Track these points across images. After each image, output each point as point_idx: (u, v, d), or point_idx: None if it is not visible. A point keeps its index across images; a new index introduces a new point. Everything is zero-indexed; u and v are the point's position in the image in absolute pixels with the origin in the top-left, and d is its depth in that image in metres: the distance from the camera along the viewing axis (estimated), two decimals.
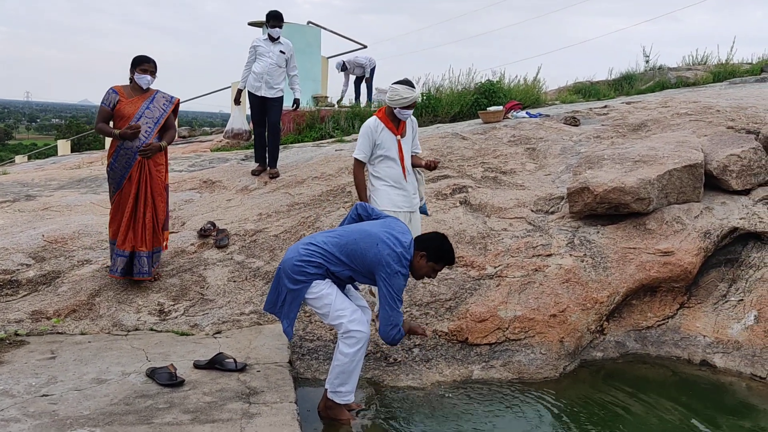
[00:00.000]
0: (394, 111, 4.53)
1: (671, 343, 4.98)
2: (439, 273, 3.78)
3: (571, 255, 5.27)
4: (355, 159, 4.61)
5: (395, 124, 4.59)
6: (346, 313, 3.59)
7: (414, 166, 4.76)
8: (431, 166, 4.71)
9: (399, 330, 3.56)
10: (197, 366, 3.82)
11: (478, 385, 4.36)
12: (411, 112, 4.59)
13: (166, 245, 5.20)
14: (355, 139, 9.45)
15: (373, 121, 4.58)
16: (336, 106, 12.65)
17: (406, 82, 4.52)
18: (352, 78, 14.17)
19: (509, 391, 4.30)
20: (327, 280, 3.61)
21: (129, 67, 4.93)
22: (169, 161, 5.20)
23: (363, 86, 14.22)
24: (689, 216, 5.51)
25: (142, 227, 4.85)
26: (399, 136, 4.58)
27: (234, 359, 3.85)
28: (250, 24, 14.44)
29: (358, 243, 3.57)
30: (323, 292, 3.58)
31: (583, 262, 5.21)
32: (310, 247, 3.63)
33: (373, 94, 13.87)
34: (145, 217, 4.85)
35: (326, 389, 3.73)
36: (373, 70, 14.06)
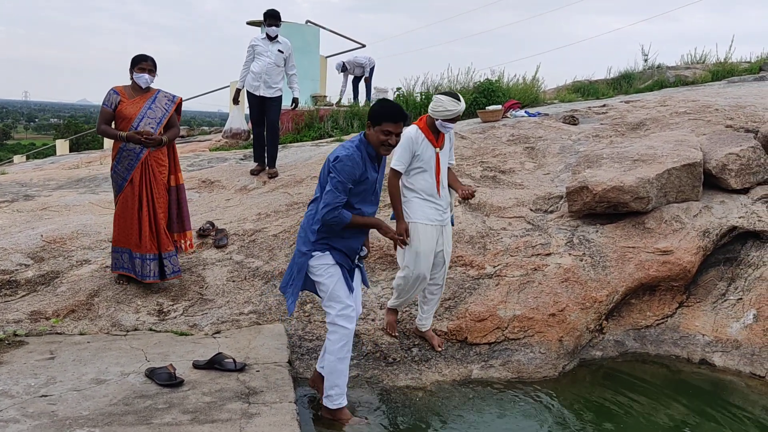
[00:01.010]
0: (436, 123, 4.31)
1: (670, 342, 4.99)
2: (395, 137, 3.55)
3: (570, 254, 5.27)
4: (393, 169, 4.34)
5: (435, 135, 4.37)
6: (338, 306, 3.61)
7: (453, 185, 4.53)
8: (467, 197, 4.43)
9: (337, 214, 3.49)
10: (196, 366, 3.82)
11: (477, 385, 4.35)
12: (454, 125, 4.37)
13: (191, 243, 5.27)
14: None
15: (414, 132, 4.34)
16: (334, 106, 12.65)
17: (452, 94, 4.28)
18: (350, 77, 14.16)
19: (508, 390, 4.30)
20: (327, 254, 3.61)
21: (128, 66, 4.93)
22: (178, 161, 5.18)
23: (362, 86, 14.21)
24: (688, 215, 5.51)
25: (162, 228, 4.89)
26: (438, 149, 4.39)
27: (233, 359, 3.85)
28: (249, 23, 14.44)
29: (323, 168, 3.63)
30: (324, 276, 3.62)
31: (582, 261, 5.21)
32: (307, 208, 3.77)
33: (372, 93, 13.86)
34: (158, 218, 4.88)
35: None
36: (372, 70, 14.05)
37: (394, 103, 3.59)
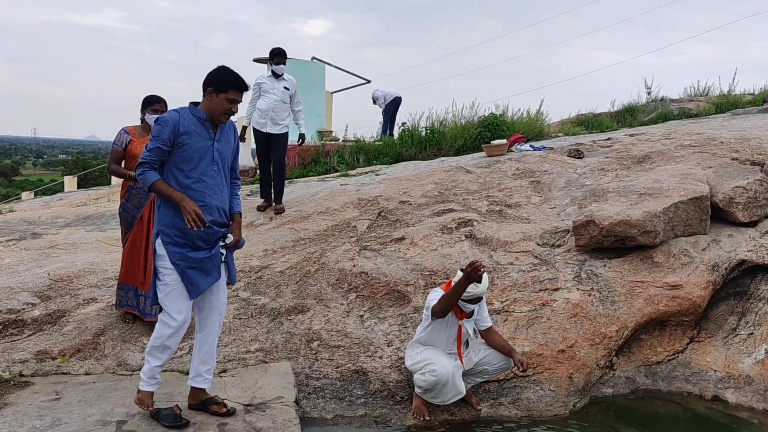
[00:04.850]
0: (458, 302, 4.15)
1: (682, 378, 4.92)
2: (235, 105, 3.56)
3: (578, 289, 5.24)
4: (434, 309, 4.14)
5: (459, 307, 4.23)
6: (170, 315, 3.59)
7: (503, 351, 4.33)
8: (525, 369, 4.31)
9: (141, 171, 3.43)
10: (191, 407, 3.77)
11: (487, 424, 4.29)
12: (474, 306, 4.22)
13: None
14: (360, 173, 9.53)
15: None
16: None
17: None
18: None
19: (519, 429, 4.23)
20: (165, 248, 3.53)
21: (139, 105, 4.99)
22: None
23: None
24: (696, 249, 5.48)
25: None
26: (462, 321, 4.26)
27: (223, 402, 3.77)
28: (255, 60, 14.65)
29: None
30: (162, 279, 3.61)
31: (590, 296, 5.17)
32: None
33: (386, 128, 13.72)
34: None
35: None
36: (391, 104, 13.70)
37: (235, 71, 3.54)
